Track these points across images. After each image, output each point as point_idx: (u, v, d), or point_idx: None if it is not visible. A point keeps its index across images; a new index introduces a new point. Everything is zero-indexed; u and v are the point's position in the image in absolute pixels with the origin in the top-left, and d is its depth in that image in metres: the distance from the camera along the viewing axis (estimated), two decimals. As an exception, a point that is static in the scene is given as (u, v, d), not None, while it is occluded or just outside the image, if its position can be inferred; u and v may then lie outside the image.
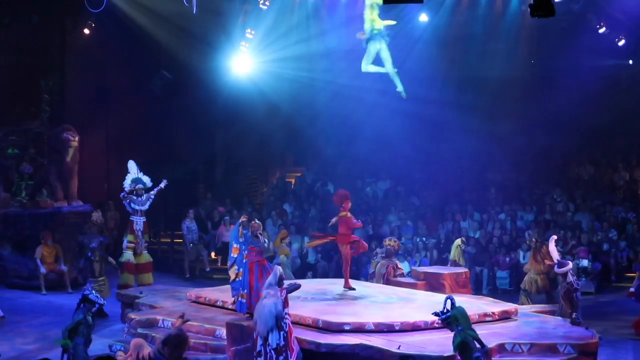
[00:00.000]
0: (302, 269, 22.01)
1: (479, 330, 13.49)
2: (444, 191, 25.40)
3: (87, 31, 23.70)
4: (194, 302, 16.41)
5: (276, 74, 24.25)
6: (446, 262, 20.78)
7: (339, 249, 17.06)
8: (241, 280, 14.67)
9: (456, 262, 19.79)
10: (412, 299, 16.05)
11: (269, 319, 12.46)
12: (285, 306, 12.67)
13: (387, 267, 18.43)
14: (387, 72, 16.87)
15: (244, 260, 14.64)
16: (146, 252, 19.73)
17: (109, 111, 25.43)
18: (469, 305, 14.95)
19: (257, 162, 28.69)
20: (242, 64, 23.44)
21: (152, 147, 25.05)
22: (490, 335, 13.81)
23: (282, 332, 12.55)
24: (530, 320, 15.25)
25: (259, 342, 12.61)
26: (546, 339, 13.87)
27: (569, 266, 16.19)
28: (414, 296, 16.34)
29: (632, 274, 20.76)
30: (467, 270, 18.74)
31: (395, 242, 19.18)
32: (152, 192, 19.46)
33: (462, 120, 25.27)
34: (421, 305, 15.21)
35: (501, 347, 13.47)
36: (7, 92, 22.86)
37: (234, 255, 14.84)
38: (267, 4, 22.20)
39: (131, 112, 25.58)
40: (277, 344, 12.49)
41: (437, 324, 13.09)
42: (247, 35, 23.11)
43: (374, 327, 13.96)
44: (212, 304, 16.04)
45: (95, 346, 13.12)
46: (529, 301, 18.40)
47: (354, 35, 17.25)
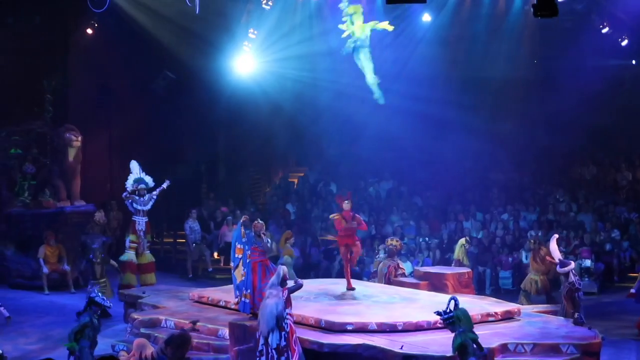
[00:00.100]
0: (304, 269, 21.99)
1: (481, 330, 13.51)
2: (446, 191, 25.38)
3: (90, 31, 23.70)
4: (197, 302, 16.43)
5: (279, 74, 24.21)
6: (449, 262, 20.75)
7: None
8: (244, 280, 14.68)
9: (460, 262, 19.74)
10: (414, 299, 16.05)
11: (270, 319, 12.49)
12: (287, 306, 12.69)
13: (389, 267, 18.44)
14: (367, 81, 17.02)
15: (247, 260, 14.65)
16: (148, 252, 19.78)
17: (112, 111, 25.39)
18: (471, 305, 14.97)
19: (259, 162, 28.66)
20: (245, 64, 23.40)
21: (155, 147, 25.04)
22: (493, 335, 13.84)
23: (283, 333, 12.56)
24: (533, 320, 15.26)
25: (261, 341, 12.65)
26: (549, 339, 13.88)
27: (571, 266, 16.18)
28: (417, 296, 16.34)
29: (635, 274, 20.79)
30: (469, 270, 18.74)
31: (397, 242, 19.18)
32: (154, 192, 19.49)
33: (464, 120, 25.25)
34: (424, 305, 15.21)
35: (504, 347, 13.48)
36: (10, 92, 22.83)
37: (239, 256, 14.82)
38: (270, 3, 22.17)
39: (134, 112, 25.57)
40: (278, 344, 12.50)
41: (440, 324, 13.06)
42: (249, 35, 23.08)
43: (376, 327, 13.99)
44: (214, 304, 16.07)
45: (98, 346, 13.11)
46: (528, 302, 18.37)
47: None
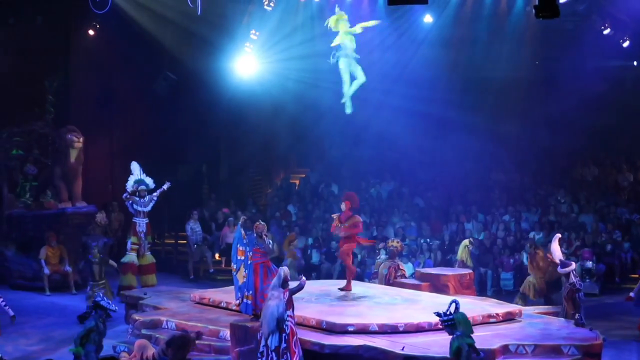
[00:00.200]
0: (305, 270, 21.97)
1: (483, 331, 13.52)
2: (448, 192, 25.37)
3: (91, 32, 23.72)
4: (198, 303, 16.42)
5: (280, 75, 24.19)
6: (450, 263, 20.75)
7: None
8: (246, 281, 14.66)
9: (464, 263, 19.75)
10: (416, 300, 16.04)
11: (271, 321, 12.48)
12: (288, 308, 12.68)
13: (390, 268, 18.42)
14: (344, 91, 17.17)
15: (248, 262, 14.63)
16: (149, 253, 19.79)
17: (113, 112, 25.42)
18: (473, 306, 14.99)
19: (261, 163, 28.66)
20: (246, 65, 23.38)
21: (157, 148, 25.05)
22: (494, 336, 13.82)
23: (283, 334, 12.55)
24: (534, 321, 15.23)
25: (262, 342, 12.66)
26: (550, 340, 13.86)
27: (572, 266, 16.17)
28: (418, 297, 16.33)
29: (636, 275, 20.80)
30: (471, 271, 18.72)
31: (398, 243, 19.16)
32: (154, 193, 19.50)
33: (466, 121, 25.25)
34: (425, 306, 15.18)
35: (505, 349, 13.45)
36: (11, 93, 22.83)
37: (241, 258, 14.76)
38: (272, 4, 22.15)
39: (135, 113, 25.60)
40: (277, 346, 12.50)
41: (441, 325, 13.08)
42: (251, 36, 23.06)
43: (377, 329, 13.97)
44: (216, 305, 16.06)
45: (99, 348, 13.12)
46: (524, 305, 18.30)
47: (357, 34, 17.30)
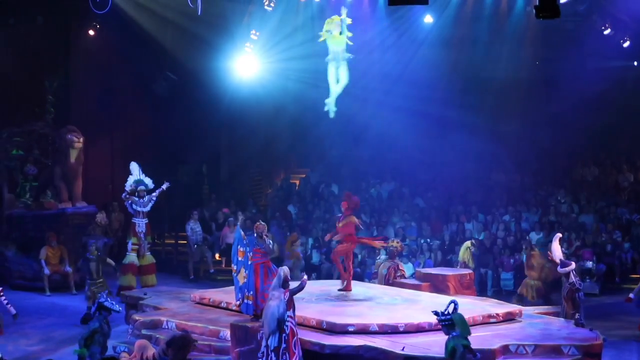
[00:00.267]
0: (306, 270, 21.94)
1: (483, 331, 13.51)
2: (448, 192, 25.37)
3: (91, 32, 23.74)
4: (198, 303, 16.41)
5: (281, 75, 24.18)
6: (450, 264, 20.74)
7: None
8: (247, 282, 14.65)
9: (466, 264, 19.75)
10: (416, 300, 16.03)
11: (272, 322, 12.47)
12: (289, 308, 12.67)
13: (389, 269, 18.42)
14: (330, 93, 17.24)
15: (249, 262, 14.62)
16: (149, 253, 19.77)
17: (114, 112, 25.43)
18: (473, 306, 14.99)
19: (261, 163, 28.66)
20: (247, 65, 23.38)
21: (157, 148, 25.06)
22: (494, 336, 13.82)
23: (282, 335, 12.55)
24: (534, 321, 15.22)
25: (263, 343, 12.65)
26: (550, 341, 13.85)
27: (572, 266, 16.17)
28: (419, 297, 16.32)
29: (637, 275, 20.80)
30: (471, 271, 18.71)
31: (398, 243, 19.16)
32: (154, 193, 19.49)
33: (466, 121, 25.25)
34: (425, 306, 15.15)
35: (505, 349, 13.45)
36: (11, 93, 22.85)
37: (241, 258, 14.70)
38: (272, 5, 22.16)
39: (135, 113, 25.61)
40: (276, 347, 12.49)
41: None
42: (251, 36, 23.07)
43: (378, 329, 13.96)
44: (216, 305, 16.05)
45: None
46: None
47: (357, 35, 17.30)
